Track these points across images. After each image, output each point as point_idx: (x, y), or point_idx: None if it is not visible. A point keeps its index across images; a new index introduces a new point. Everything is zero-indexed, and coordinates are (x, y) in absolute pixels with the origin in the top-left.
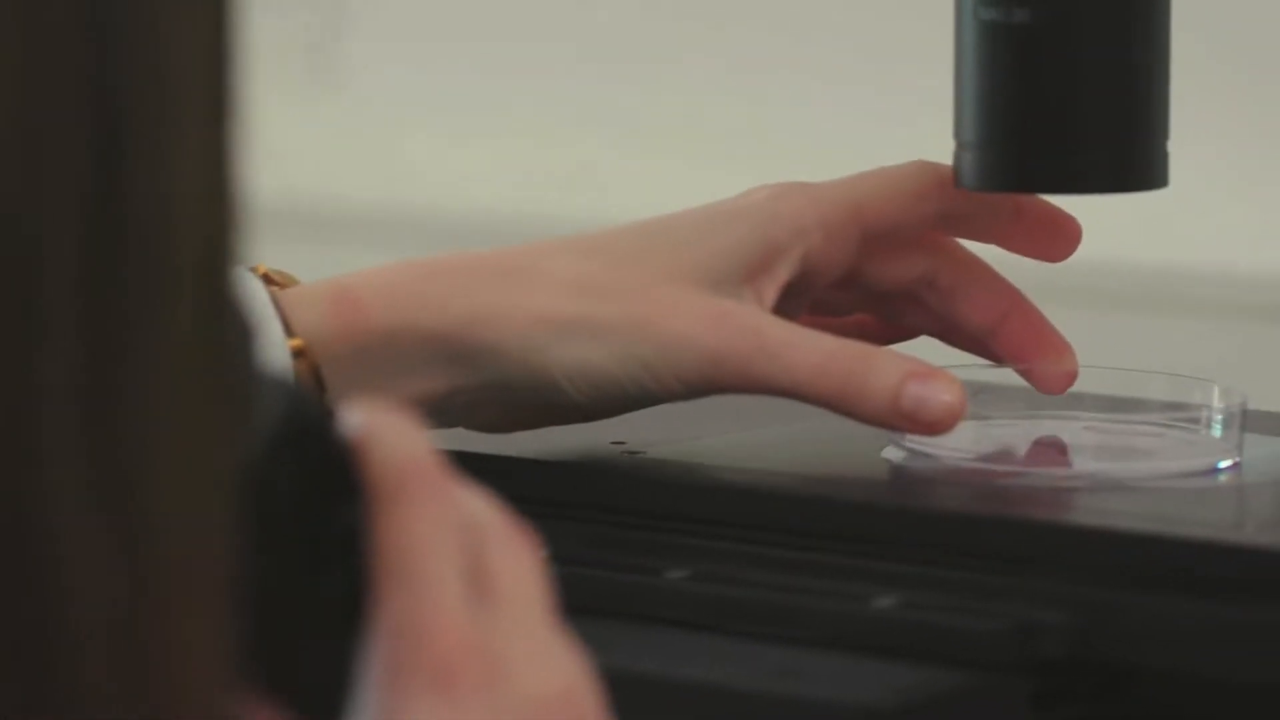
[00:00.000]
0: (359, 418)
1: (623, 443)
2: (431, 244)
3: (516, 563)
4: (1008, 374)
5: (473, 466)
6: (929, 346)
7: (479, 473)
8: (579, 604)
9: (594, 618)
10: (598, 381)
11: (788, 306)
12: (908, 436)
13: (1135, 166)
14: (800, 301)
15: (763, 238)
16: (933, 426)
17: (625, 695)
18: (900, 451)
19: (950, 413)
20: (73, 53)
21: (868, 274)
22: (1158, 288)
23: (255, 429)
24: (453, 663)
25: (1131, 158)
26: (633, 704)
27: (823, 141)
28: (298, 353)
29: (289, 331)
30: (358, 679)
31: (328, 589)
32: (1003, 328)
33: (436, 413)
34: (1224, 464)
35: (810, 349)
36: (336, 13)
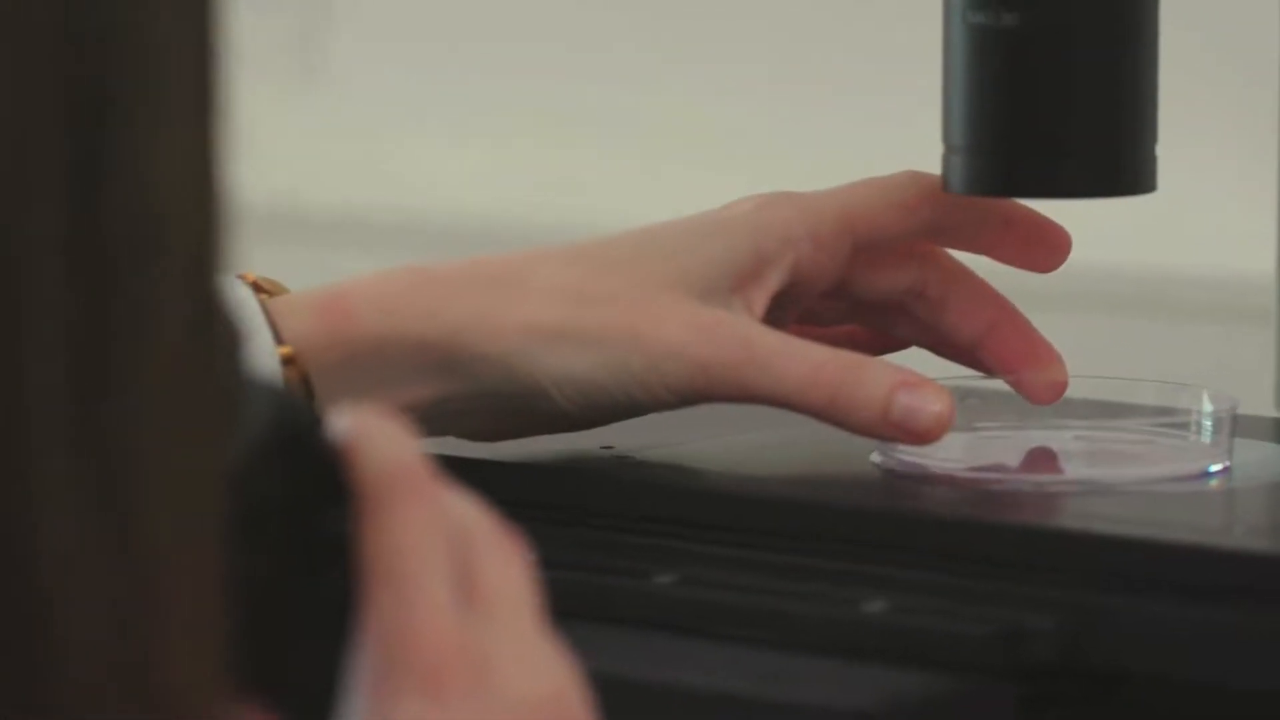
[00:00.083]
0: (348, 423)
1: (611, 447)
2: (418, 248)
3: (505, 567)
4: (997, 383)
5: (461, 471)
6: (919, 357)
7: (467, 477)
8: (567, 608)
9: (582, 622)
10: (586, 390)
11: (777, 316)
12: (898, 447)
13: (1123, 170)
14: (789, 311)
15: (752, 247)
16: (922, 436)
17: (614, 699)
18: (890, 462)
19: (939, 422)
20: (56, 54)
21: (857, 284)
22: (1147, 292)
23: (245, 435)
24: (441, 666)
25: (1120, 162)
26: (621, 708)
27: (813, 147)
28: (287, 360)
29: (278, 339)
30: (347, 682)
31: (317, 593)
32: (992, 338)
33: (425, 420)
34: (1214, 469)
35: (800, 359)
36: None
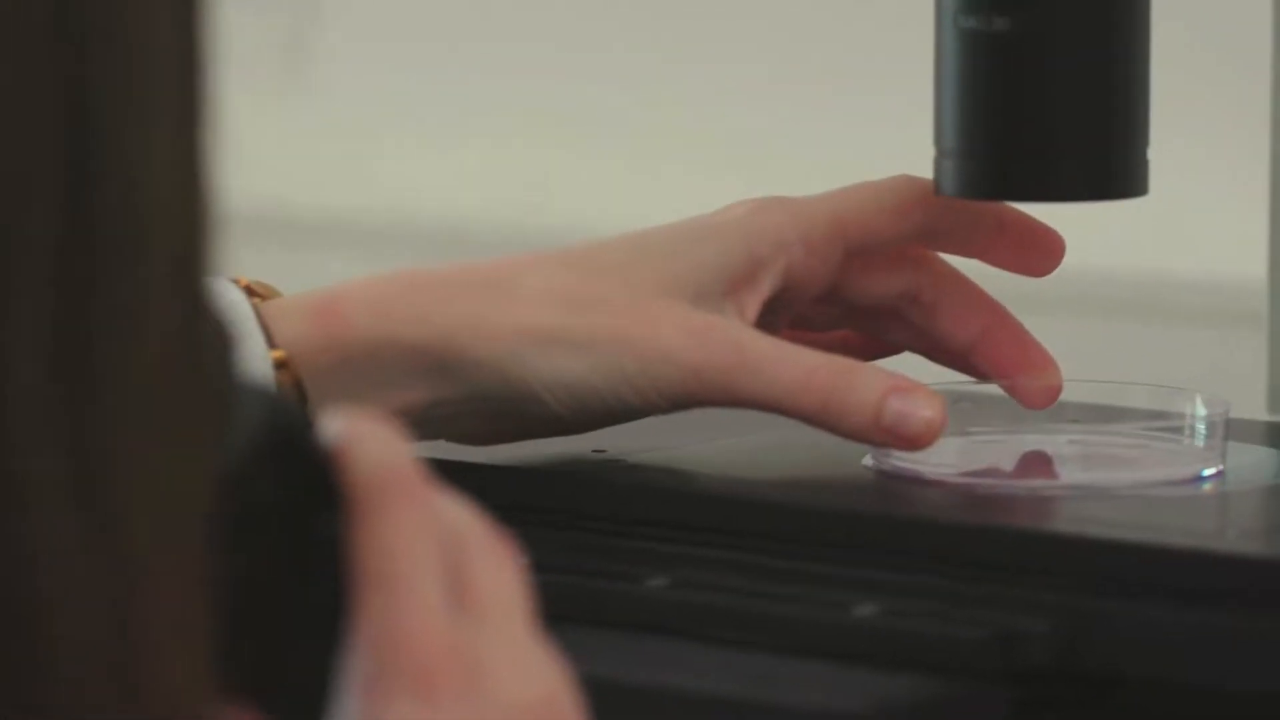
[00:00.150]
0: (340, 426)
1: (603, 450)
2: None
3: (497, 570)
4: (991, 387)
5: (453, 474)
6: (913, 363)
7: (459, 481)
8: (559, 611)
9: (574, 625)
10: (579, 394)
11: (769, 321)
12: (891, 451)
13: (1115, 174)
14: (782, 316)
15: (745, 252)
16: (914, 441)
17: (605, 703)
18: (883, 466)
19: (930, 428)
20: (44, 57)
21: (850, 289)
22: (1140, 296)
23: (237, 438)
24: (433, 669)
25: (1112, 165)
26: (613, 711)
27: (806, 151)
28: (280, 364)
29: (271, 343)
30: (339, 684)
31: (309, 596)
32: (985, 343)
33: (418, 424)
34: (1208, 472)
35: (792, 364)
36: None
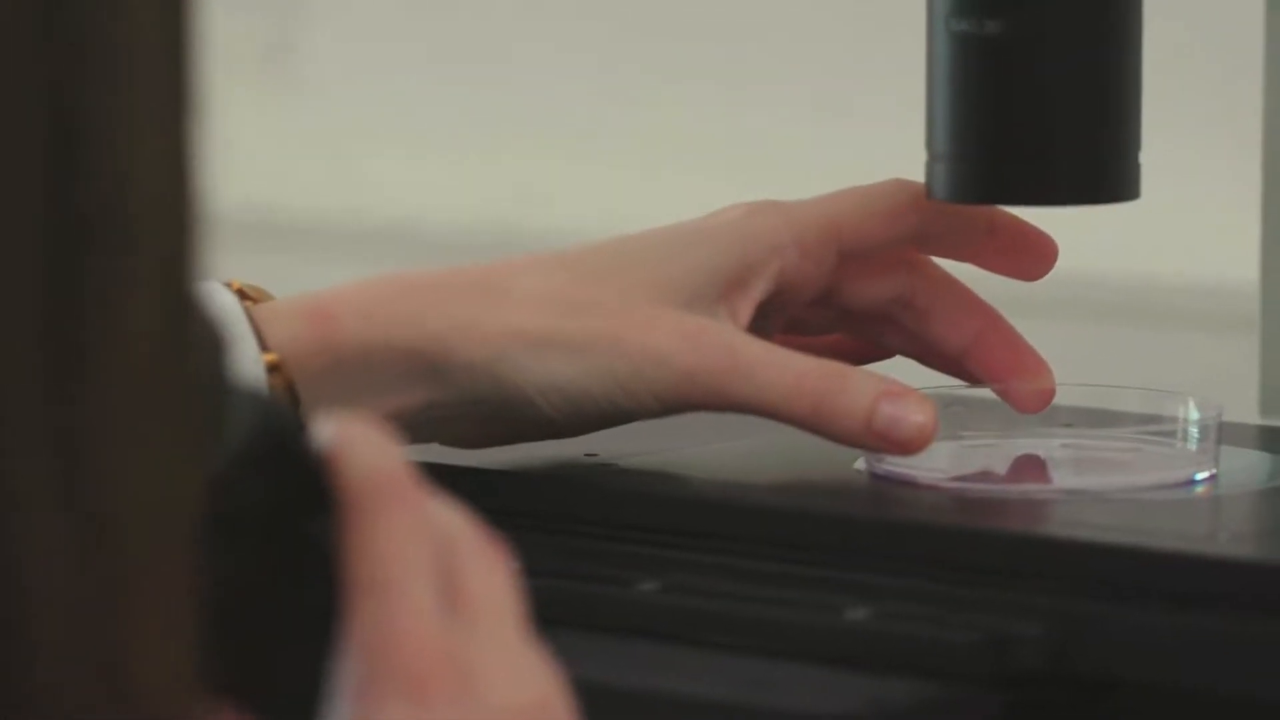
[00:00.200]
0: (332, 430)
1: (595, 455)
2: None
3: (489, 574)
4: (984, 391)
5: (445, 478)
6: (905, 367)
7: (451, 484)
8: (552, 615)
9: (567, 629)
10: (571, 397)
11: (762, 325)
12: (884, 457)
13: (1107, 178)
14: (775, 320)
15: (738, 255)
16: (905, 446)
17: (597, 707)
18: (875, 470)
19: (922, 433)
20: (30, 54)
21: (843, 293)
22: (1132, 299)
23: (229, 442)
24: (425, 673)
25: (1104, 169)
26: (605, 715)
27: (798, 155)
28: (272, 368)
29: (264, 346)
30: (331, 688)
31: (302, 600)
32: (978, 347)
33: (410, 428)
34: (1200, 476)
35: (783, 368)
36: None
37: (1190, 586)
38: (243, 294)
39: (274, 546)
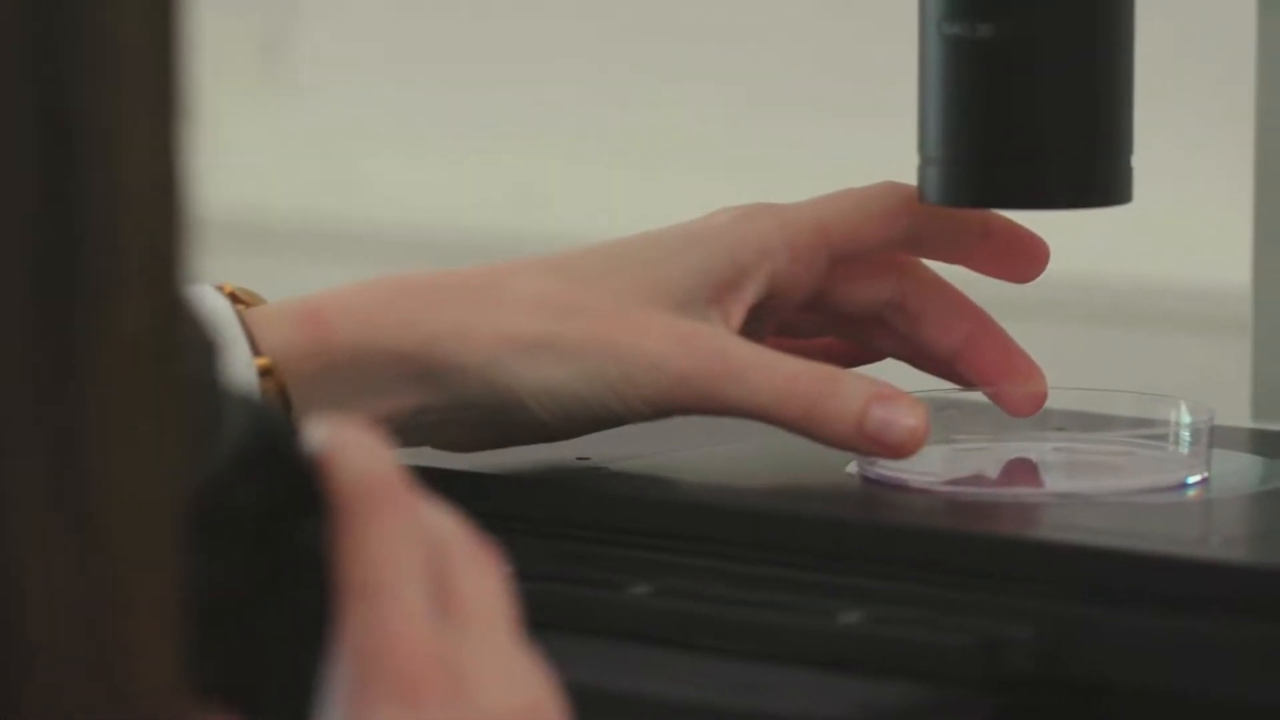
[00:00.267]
0: (324, 434)
1: (587, 458)
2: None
3: (481, 578)
4: (976, 395)
5: (437, 482)
6: (897, 371)
7: (443, 488)
8: (544, 619)
9: (559, 633)
10: (563, 401)
11: (754, 328)
12: (876, 460)
13: (1099, 181)
14: (766, 324)
15: (729, 259)
16: (896, 450)
17: (589, 710)
18: (868, 473)
19: (914, 436)
20: (21, 52)
21: (834, 296)
22: (1124, 302)
23: (221, 445)
24: (418, 677)
25: (1096, 172)
26: (597, 719)
27: (790, 158)
28: (265, 371)
29: (256, 350)
30: (324, 693)
31: (294, 604)
32: (970, 351)
33: (402, 431)
34: (1192, 479)
35: (775, 371)
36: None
37: (1182, 590)
38: (235, 297)
39: (266, 550)
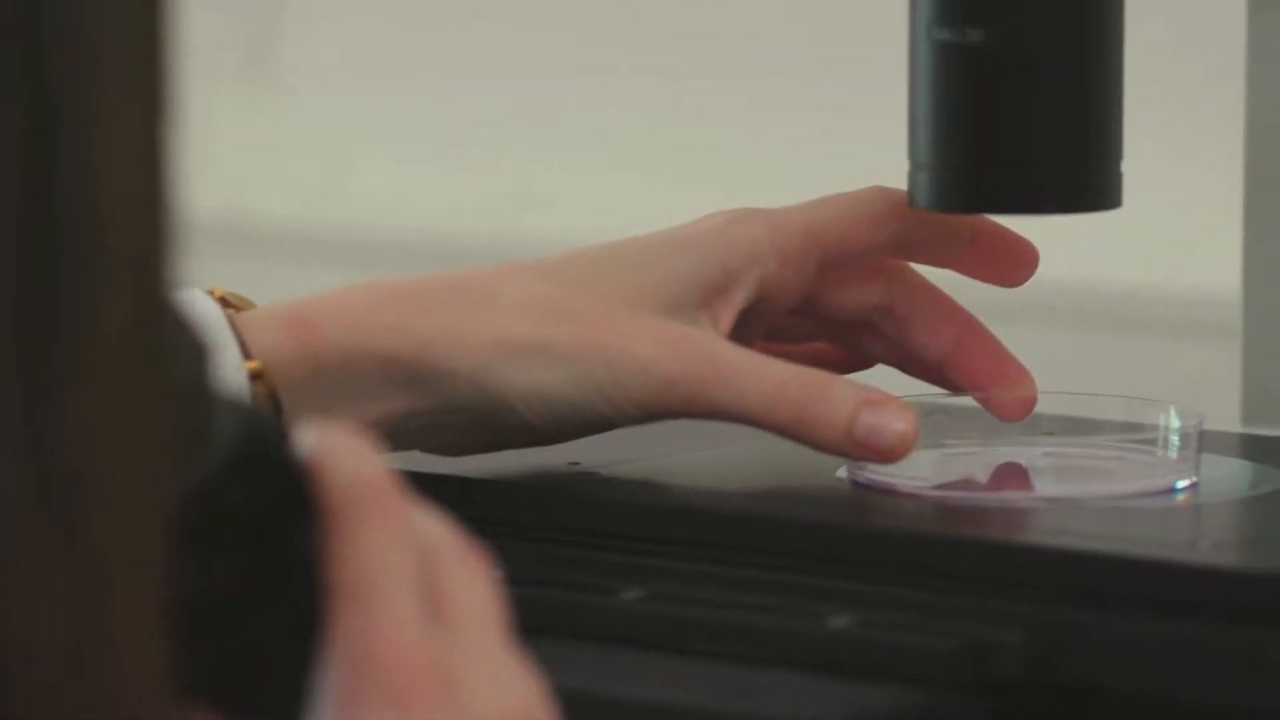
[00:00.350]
0: (315, 439)
1: (578, 463)
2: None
3: (471, 583)
4: (965, 399)
5: (427, 486)
6: (887, 376)
7: (433, 493)
8: (534, 624)
9: (549, 637)
10: (553, 405)
11: (743, 333)
12: (866, 465)
13: (1089, 187)
14: (756, 328)
15: (719, 263)
16: (885, 455)
17: (580, 715)
18: (857, 477)
19: (903, 441)
20: (7, 52)
21: (824, 301)
22: (1113, 307)
23: (212, 450)
24: (408, 682)
25: (1085, 178)
26: None
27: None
28: (255, 375)
29: (246, 354)
30: (313, 698)
31: (284, 608)
32: (959, 355)
33: (393, 435)
34: (1181, 484)
35: (764, 375)
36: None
37: (1171, 594)
38: (225, 302)
39: (257, 554)
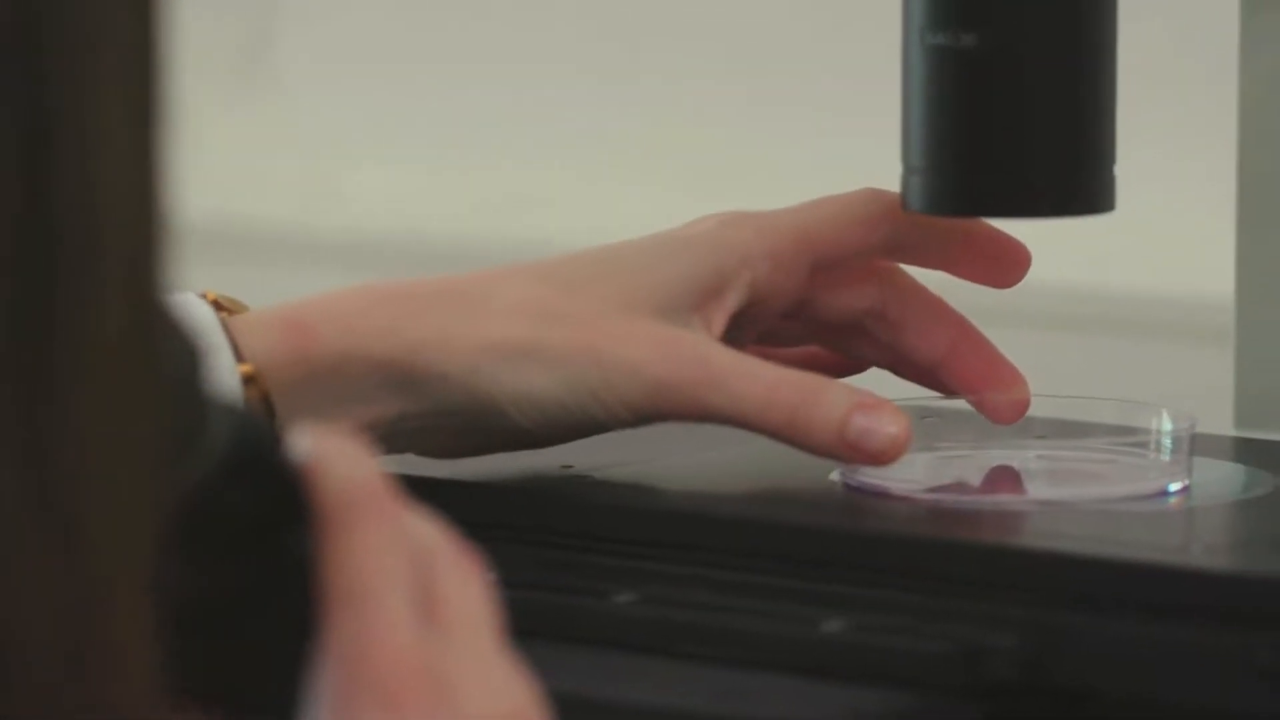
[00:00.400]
0: (308, 442)
1: (571, 466)
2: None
3: (464, 586)
4: (958, 402)
5: (421, 490)
6: (880, 379)
7: (427, 496)
8: (527, 627)
9: (542, 641)
10: (545, 408)
11: (736, 336)
12: (859, 468)
13: (1082, 190)
14: (748, 331)
15: (712, 266)
16: (878, 458)
17: (573, 718)
18: (850, 481)
19: (895, 445)
20: (3, 52)
21: (816, 304)
22: (1106, 310)
23: (205, 453)
24: (401, 685)
25: (1078, 181)
26: None
27: (774, 165)
28: (248, 379)
29: (239, 357)
30: (307, 701)
31: (278, 612)
32: (952, 359)
33: (386, 438)
34: (1174, 487)
35: (757, 379)
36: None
37: (1164, 597)
38: (218, 305)
39: (251, 558)
